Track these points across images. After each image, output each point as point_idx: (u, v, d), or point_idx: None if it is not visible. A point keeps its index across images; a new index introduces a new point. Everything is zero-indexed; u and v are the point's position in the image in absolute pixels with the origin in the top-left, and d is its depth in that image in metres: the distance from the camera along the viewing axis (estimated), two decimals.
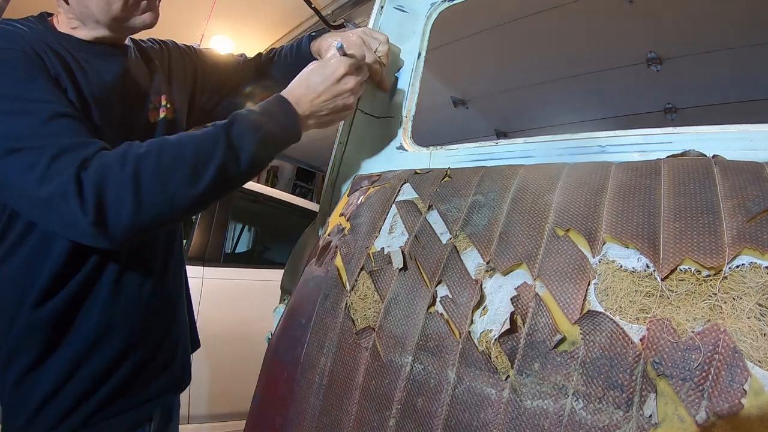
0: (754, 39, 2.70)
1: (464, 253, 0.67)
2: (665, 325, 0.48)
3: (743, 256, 0.48)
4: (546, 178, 0.70)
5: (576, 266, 0.57)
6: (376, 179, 0.90)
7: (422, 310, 0.65)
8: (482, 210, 0.71)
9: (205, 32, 3.52)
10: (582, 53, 3.24)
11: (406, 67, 1.05)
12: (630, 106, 3.80)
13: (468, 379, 0.58)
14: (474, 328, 0.60)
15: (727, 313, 0.46)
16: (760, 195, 0.53)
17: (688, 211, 0.55)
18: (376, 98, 1.04)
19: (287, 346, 0.80)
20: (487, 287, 0.62)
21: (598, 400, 0.49)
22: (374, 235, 0.78)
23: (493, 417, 0.54)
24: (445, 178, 0.81)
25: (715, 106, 3.45)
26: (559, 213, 0.63)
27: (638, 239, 0.55)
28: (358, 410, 0.65)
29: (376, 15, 1.07)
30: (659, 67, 3.17)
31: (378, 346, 0.67)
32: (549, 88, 3.74)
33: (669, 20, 2.78)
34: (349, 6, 3.18)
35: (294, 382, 0.75)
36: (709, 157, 0.65)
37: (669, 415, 0.45)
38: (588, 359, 0.51)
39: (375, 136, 1.04)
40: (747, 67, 2.94)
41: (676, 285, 0.50)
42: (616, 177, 0.65)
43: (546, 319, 0.55)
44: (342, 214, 0.88)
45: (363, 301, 0.72)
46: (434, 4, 1.04)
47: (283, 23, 3.59)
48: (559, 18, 2.92)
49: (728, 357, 0.44)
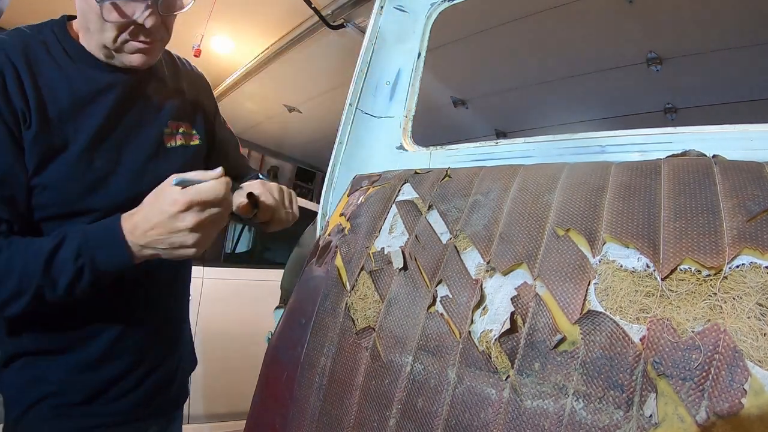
0: (754, 39, 2.69)
1: (464, 253, 0.67)
2: (665, 324, 0.48)
3: (743, 256, 0.48)
4: (546, 178, 0.70)
5: (576, 266, 0.57)
6: (376, 179, 0.90)
7: (422, 310, 0.65)
8: (482, 210, 0.71)
9: (205, 32, 3.53)
10: (582, 53, 3.23)
11: (406, 67, 1.05)
12: (630, 106, 3.80)
13: (468, 379, 0.58)
14: (474, 328, 0.60)
15: (728, 312, 0.46)
16: (760, 195, 0.53)
17: (688, 211, 0.55)
18: (376, 98, 1.04)
19: (287, 346, 0.80)
20: (487, 287, 0.62)
21: (598, 400, 0.49)
22: (374, 235, 0.78)
23: (494, 417, 0.54)
24: (445, 178, 0.81)
25: (715, 106, 3.45)
26: (559, 213, 0.63)
27: (638, 239, 0.55)
28: (358, 410, 0.65)
29: (376, 15, 1.07)
30: (659, 67, 3.17)
31: (378, 346, 0.67)
32: (549, 88, 3.74)
33: (669, 20, 2.78)
34: (349, 6, 3.18)
35: (294, 382, 0.75)
36: (709, 157, 0.65)
37: (669, 414, 0.45)
38: (588, 359, 0.51)
39: (375, 136, 1.04)
40: (747, 67, 2.94)
41: (676, 285, 0.50)
42: (616, 177, 0.65)
43: (546, 319, 0.55)
44: (342, 214, 0.88)
45: (363, 301, 0.72)
46: (434, 4, 1.04)
47: (283, 23, 3.59)
48: (559, 18, 2.92)
49: (728, 357, 0.44)
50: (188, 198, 0.63)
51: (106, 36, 0.73)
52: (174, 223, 0.64)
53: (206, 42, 3.68)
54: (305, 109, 4.96)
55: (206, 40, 3.66)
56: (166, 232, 0.65)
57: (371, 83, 1.06)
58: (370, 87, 1.06)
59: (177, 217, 0.64)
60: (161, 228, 0.64)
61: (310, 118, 5.11)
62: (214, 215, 0.66)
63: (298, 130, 5.55)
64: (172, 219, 0.64)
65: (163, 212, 0.64)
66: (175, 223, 0.64)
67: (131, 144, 0.80)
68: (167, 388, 0.90)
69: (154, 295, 0.87)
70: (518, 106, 4.22)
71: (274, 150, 6.56)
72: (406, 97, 1.03)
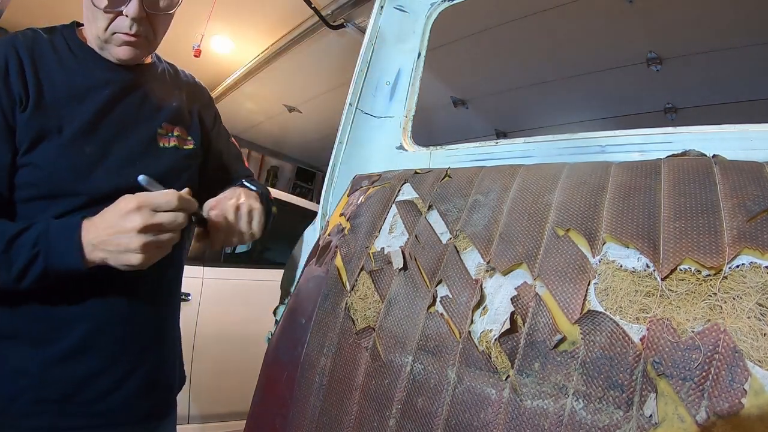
0: (754, 39, 2.70)
1: (464, 253, 0.67)
2: (665, 324, 0.48)
3: (743, 256, 0.48)
4: (546, 178, 0.70)
5: (576, 266, 0.57)
6: (376, 179, 0.90)
7: (422, 310, 0.65)
8: (482, 210, 0.71)
9: (205, 32, 3.53)
10: (582, 53, 3.24)
11: (406, 67, 1.05)
12: (630, 106, 3.80)
13: (468, 379, 0.58)
14: (474, 328, 0.60)
15: (727, 312, 0.46)
16: (760, 194, 0.53)
17: (688, 211, 0.55)
18: (376, 98, 1.04)
19: (287, 346, 0.80)
20: (487, 287, 0.62)
21: (598, 399, 0.49)
22: (374, 235, 0.78)
23: (494, 417, 0.54)
24: (445, 178, 0.81)
25: (715, 106, 3.45)
26: (559, 213, 0.63)
27: (638, 239, 0.55)
28: (358, 410, 0.65)
29: (376, 15, 1.07)
30: (659, 67, 3.17)
31: (378, 346, 0.67)
32: (549, 88, 3.74)
33: (669, 20, 2.78)
34: (349, 6, 3.18)
35: (294, 382, 0.75)
36: (709, 157, 0.65)
37: (669, 414, 0.45)
38: (588, 359, 0.51)
39: (375, 136, 1.04)
40: (747, 67, 2.94)
41: (676, 285, 0.50)
42: (616, 177, 0.65)
43: (546, 319, 0.55)
44: (342, 214, 0.88)
45: (363, 301, 0.72)
46: (434, 4, 1.04)
47: (283, 23, 3.59)
48: (559, 18, 2.92)
49: (728, 357, 0.44)
50: (140, 199, 0.67)
51: (99, 25, 0.78)
52: (123, 223, 0.66)
53: (206, 42, 3.68)
54: (305, 109, 4.96)
55: (206, 40, 3.66)
56: (115, 231, 0.67)
57: (371, 83, 1.06)
58: (370, 87, 1.06)
59: (127, 216, 0.66)
60: (112, 227, 0.67)
61: (310, 118, 5.11)
62: (163, 223, 0.68)
63: (298, 130, 5.55)
64: (122, 218, 0.66)
65: (116, 211, 0.67)
66: (124, 222, 0.66)
67: (123, 137, 0.83)
68: (148, 395, 0.87)
69: (136, 291, 0.85)
70: (518, 106, 4.22)
71: (274, 150, 6.56)
72: (406, 97, 1.03)
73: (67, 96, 0.78)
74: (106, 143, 0.80)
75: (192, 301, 2.27)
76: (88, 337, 0.79)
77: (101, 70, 0.83)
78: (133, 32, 0.80)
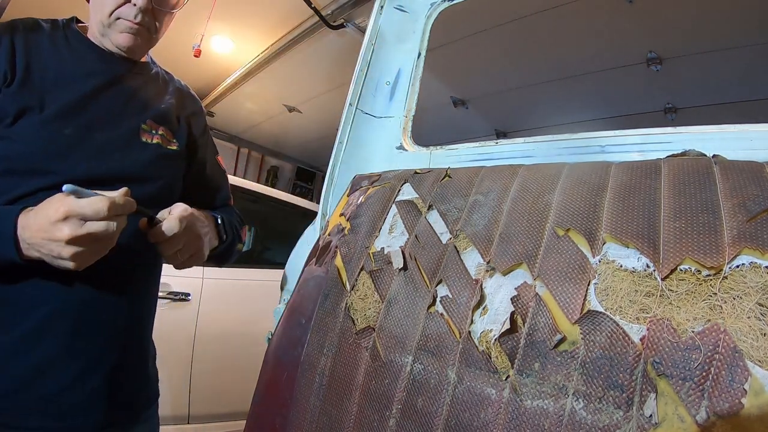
0: (755, 39, 2.70)
1: (464, 253, 0.67)
2: (665, 324, 0.48)
3: (743, 256, 0.48)
4: (546, 178, 0.70)
5: (576, 266, 0.57)
6: (376, 179, 0.90)
7: (422, 310, 0.65)
8: (482, 210, 0.71)
9: (205, 32, 3.53)
10: (582, 53, 3.24)
11: (406, 67, 1.05)
12: (630, 106, 3.80)
13: (468, 379, 0.58)
14: (474, 328, 0.60)
15: (728, 312, 0.46)
16: (760, 194, 0.53)
17: (688, 211, 0.55)
18: (376, 98, 1.04)
19: (287, 346, 0.80)
20: (487, 287, 0.62)
21: (598, 399, 0.49)
22: (374, 235, 0.78)
23: (494, 417, 0.54)
24: (445, 178, 0.81)
25: (715, 106, 3.45)
26: (559, 213, 0.63)
27: (638, 239, 0.55)
28: (358, 410, 0.65)
29: (376, 15, 1.07)
30: (659, 67, 3.17)
31: (378, 346, 0.67)
32: (549, 88, 3.74)
33: (669, 20, 2.78)
34: (349, 6, 3.17)
35: (294, 382, 0.75)
36: (709, 157, 0.65)
37: (669, 414, 0.45)
38: (588, 359, 0.51)
39: (375, 136, 1.04)
40: (747, 67, 2.94)
41: (676, 285, 0.50)
42: (616, 177, 0.65)
43: (546, 319, 0.55)
44: (342, 214, 0.88)
45: (363, 301, 0.72)
46: (434, 4, 1.04)
47: (283, 23, 3.59)
48: (559, 18, 2.92)
49: (728, 357, 0.44)
50: (66, 208, 0.62)
51: (105, 10, 0.81)
52: (52, 232, 0.63)
53: (206, 42, 3.68)
54: (305, 109, 4.96)
55: (206, 40, 3.66)
56: (46, 237, 0.63)
57: (371, 83, 1.06)
58: (370, 87, 1.06)
59: (55, 225, 0.62)
60: (43, 232, 0.63)
61: (310, 118, 5.11)
62: (94, 232, 0.64)
63: (298, 130, 5.55)
64: (51, 227, 0.63)
65: (46, 217, 0.63)
66: (53, 231, 0.63)
67: (106, 126, 0.83)
68: (108, 399, 0.82)
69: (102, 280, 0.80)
70: (518, 106, 4.22)
71: (274, 150, 6.56)
72: (406, 97, 1.03)
73: (55, 79, 0.80)
74: (86, 128, 0.81)
75: (192, 301, 2.27)
76: (45, 320, 0.76)
77: (93, 61, 0.85)
78: (137, 21, 0.82)
